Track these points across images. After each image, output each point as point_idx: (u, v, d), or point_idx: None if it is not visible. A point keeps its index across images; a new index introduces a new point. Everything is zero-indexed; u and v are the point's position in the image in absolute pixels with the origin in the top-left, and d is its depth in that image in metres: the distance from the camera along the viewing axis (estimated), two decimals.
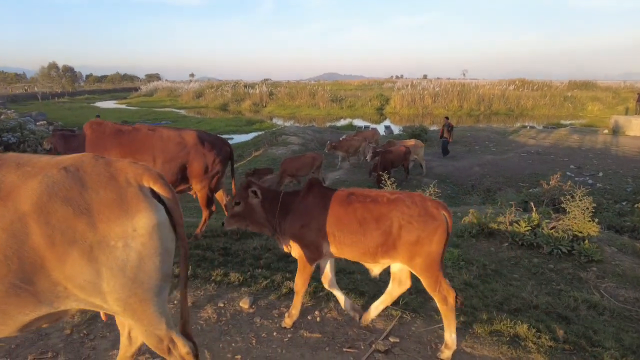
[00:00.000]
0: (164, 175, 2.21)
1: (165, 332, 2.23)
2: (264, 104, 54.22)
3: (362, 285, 4.38)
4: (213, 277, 3.59)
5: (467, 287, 4.59)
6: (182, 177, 4.82)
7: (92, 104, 65.28)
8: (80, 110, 51.04)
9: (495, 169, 15.25)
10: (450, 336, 3.22)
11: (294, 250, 3.35)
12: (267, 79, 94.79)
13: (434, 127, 35.19)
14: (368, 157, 13.17)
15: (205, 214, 5.05)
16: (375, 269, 3.52)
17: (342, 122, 39.84)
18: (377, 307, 3.55)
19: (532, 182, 13.49)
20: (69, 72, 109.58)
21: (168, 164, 4.59)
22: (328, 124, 38.96)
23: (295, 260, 3.52)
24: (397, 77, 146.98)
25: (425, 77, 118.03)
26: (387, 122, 42.03)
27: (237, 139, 28.59)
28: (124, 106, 60.39)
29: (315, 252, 3.29)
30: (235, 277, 3.60)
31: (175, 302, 3.30)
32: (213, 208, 5.26)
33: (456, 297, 3.18)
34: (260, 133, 28.81)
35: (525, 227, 6.24)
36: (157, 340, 2.25)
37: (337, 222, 3.20)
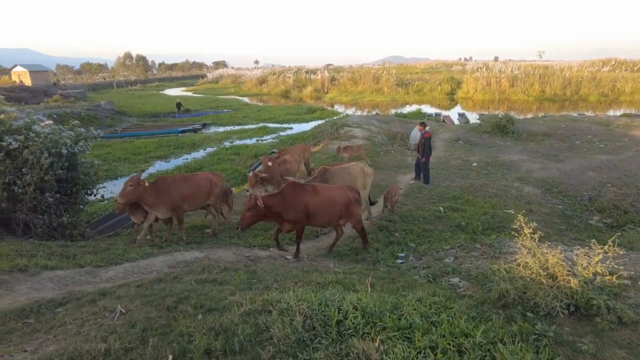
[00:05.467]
0: None
1: None
2: (326, 90, 52.21)
3: None
4: None
5: None
6: None
7: (161, 91, 67.35)
8: (148, 98, 52.39)
9: (616, 175, 11.89)
10: None
11: None
12: (329, 64, 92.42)
13: (514, 114, 31.00)
14: None
15: None
16: None
17: (409, 109, 36.81)
18: None
19: None
20: (142, 61, 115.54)
21: None
22: (393, 111, 36.22)
23: None
24: (465, 59, 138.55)
25: (496, 59, 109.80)
26: (459, 109, 38.40)
27: (296, 128, 26.92)
28: (190, 93, 61.38)
29: None
30: None
31: None
32: None
33: None
34: (320, 122, 26.87)
35: None
36: None
37: None
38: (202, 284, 3.93)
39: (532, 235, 3.89)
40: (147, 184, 6.70)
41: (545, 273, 3.59)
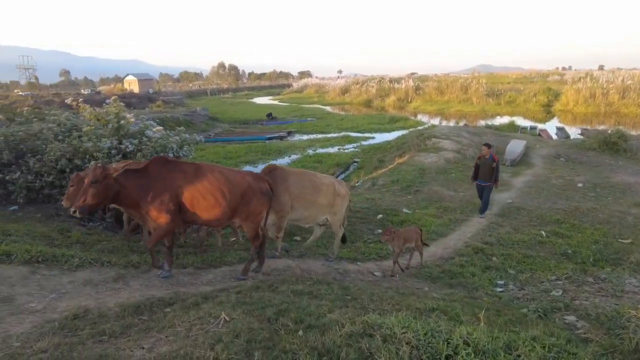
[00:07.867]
0: None
1: None
2: (410, 100, 51.23)
3: None
4: None
5: None
6: None
7: (250, 100, 71.15)
8: (239, 106, 55.58)
9: None
10: None
11: None
12: (413, 73, 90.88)
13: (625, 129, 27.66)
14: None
15: None
16: None
17: (500, 120, 34.64)
18: None
19: None
20: (234, 70, 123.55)
21: None
22: (482, 122, 34.34)
23: None
24: (564, 68, 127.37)
25: (601, 67, 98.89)
26: (556, 122, 35.36)
27: (378, 138, 26.65)
28: (276, 102, 64.03)
29: None
30: None
31: None
32: None
33: None
34: (404, 132, 26.32)
35: None
36: None
37: None
38: (298, 296, 3.93)
39: None
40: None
41: None
